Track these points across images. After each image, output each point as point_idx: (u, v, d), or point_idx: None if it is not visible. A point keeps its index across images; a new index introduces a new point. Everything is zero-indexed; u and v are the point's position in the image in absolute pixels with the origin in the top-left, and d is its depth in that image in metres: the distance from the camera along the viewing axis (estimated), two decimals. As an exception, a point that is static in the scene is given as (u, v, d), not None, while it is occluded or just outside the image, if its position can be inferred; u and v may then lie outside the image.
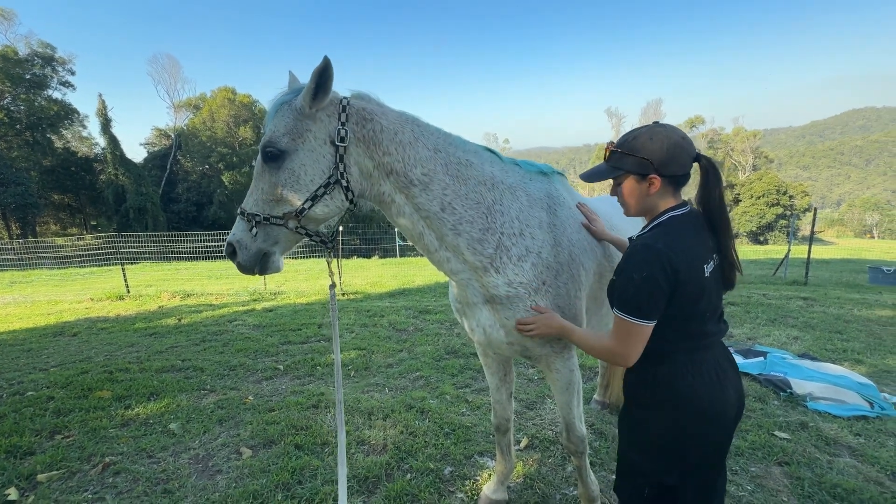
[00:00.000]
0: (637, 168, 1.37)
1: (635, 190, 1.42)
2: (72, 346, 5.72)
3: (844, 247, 25.51)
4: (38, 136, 35.46)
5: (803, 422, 3.20)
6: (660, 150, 1.35)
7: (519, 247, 1.65)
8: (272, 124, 1.50)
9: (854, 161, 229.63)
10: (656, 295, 1.31)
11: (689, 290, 1.33)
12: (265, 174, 1.50)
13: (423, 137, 1.59)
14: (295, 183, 1.48)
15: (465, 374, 4.24)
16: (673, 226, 1.38)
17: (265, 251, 1.54)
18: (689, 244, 1.34)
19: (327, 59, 1.41)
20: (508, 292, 1.65)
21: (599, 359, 1.61)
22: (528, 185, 1.77)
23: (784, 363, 4.17)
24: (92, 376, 4.33)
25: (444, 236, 1.61)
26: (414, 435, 3.06)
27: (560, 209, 1.81)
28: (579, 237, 1.84)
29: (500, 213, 1.65)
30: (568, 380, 1.89)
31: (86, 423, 3.37)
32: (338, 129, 1.48)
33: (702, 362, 1.39)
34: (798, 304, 7.06)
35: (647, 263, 1.30)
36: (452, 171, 1.60)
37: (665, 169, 1.36)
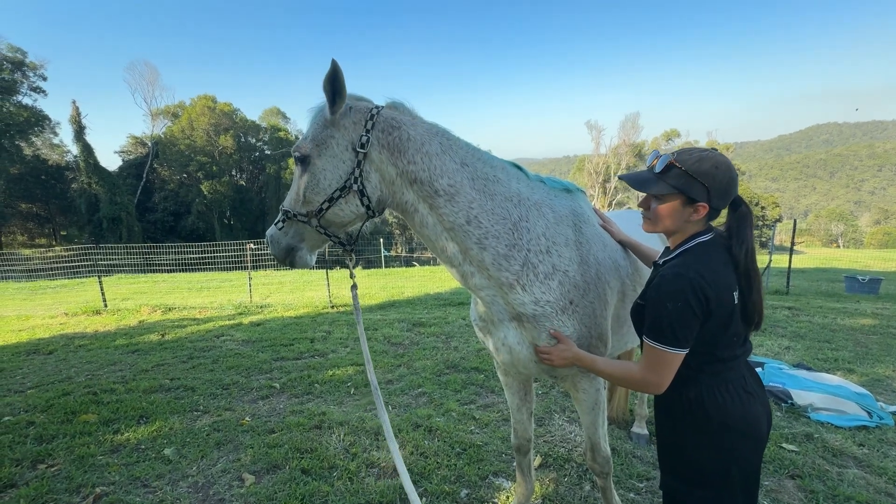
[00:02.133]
0: (692, 192, 1.34)
1: (677, 212, 1.38)
2: (48, 365, 5.41)
3: (815, 256, 26.52)
4: (6, 143, 34.06)
5: (808, 433, 3.24)
6: (721, 181, 1.32)
7: (546, 264, 1.63)
8: (307, 130, 1.60)
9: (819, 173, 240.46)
10: (690, 324, 1.31)
11: (719, 318, 1.33)
12: (296, 175, 1.61)
13: (451, 150, 1.58)
14: (315, 186, 1.55)
15: (469, 389, 4.17)
16: (702, 253, 1.37)
17: (292, 246, 1.64)
18: (719, 272, 1.33)
19: (335, 62, 1.42)
20: (535, 311, 1.62)
21: (625, 387, 1.58)
22: (553, 202, 1.76)
23: (782, 374, 4.24)
24: (74, 398, 4.09)
25: (469, 250, 1.58)
26: (425, 456, 2.97)
27: (585, 226, 1.80)
28: (604, 255, 1.83)
29: (527, 230, 1.62)
30: (594, 399, 1.86)
31: (72, 449, 3.16)
32: (361, 135, 1.51)
33: (728, 381, 1.39)
34: (784, 314, 7.25)
35: (681, 292, 1.29)
36: (479, 186, 1.58)
37: (716, 201, 1.35)
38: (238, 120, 44.86)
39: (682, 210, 1.38)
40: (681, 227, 1.41)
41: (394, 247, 42.95)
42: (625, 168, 51.37)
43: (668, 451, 1.51)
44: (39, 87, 36.04)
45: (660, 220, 1.43)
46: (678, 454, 1.46)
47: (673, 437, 1.47)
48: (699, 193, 1.33)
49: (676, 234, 1.45)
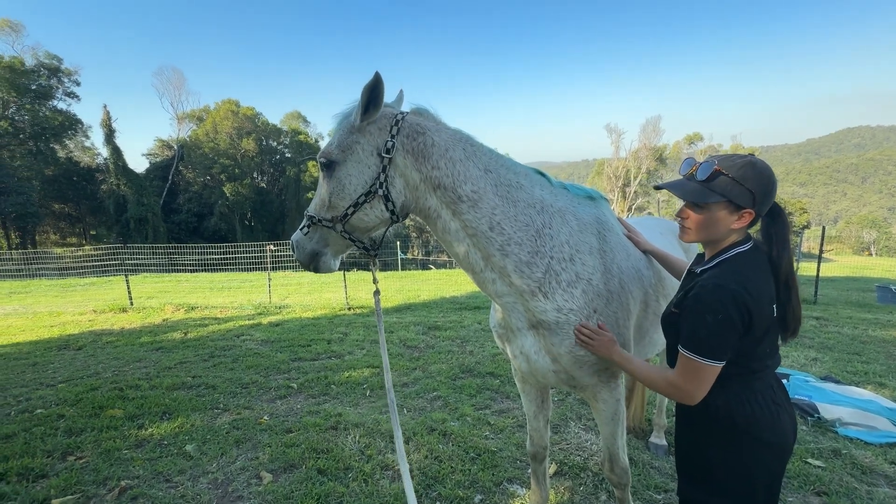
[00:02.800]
0: (739, 198, 1.31)
1: (721, 220, 1.35)
2: (78, 360, 5.62)
3: (845, 264, 25.54)
4: (42, 146, 35.63)
5: (836, 449, 3.13)
6: (766, 185, 1.30)
7: (569, 272, 1.61)
8: (333, 135, 1.62)
9: (850, 178, 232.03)
10: (729, 337, 1.28)
11: (756, 331, 1.30)
12: (321, 181, 1.63)
13: (475, 157, 1.59)
14: (341, 191, 1.57)
15: (484, 394, 4.16)
16: (742, 263, 1.35)
17: (317, 251, 1.67)
18: (760, 284, 1.31)
19: (378, 74, 1.44)
20: (558, 318, 1.61)
21: (658, 392, 1.56)
22: (577, 210, 1.75)
23: (808, 386, 4.11)
24: (102, 393, 4.24)
25: (491, 256, 1.58)
26: (439, 460, 2.98)
27: (609, 235, 1.79)
28: (628, 264, 1.81)
29: (550, 237, 1.61)
30: (614, 410, 1.84)
31: (99, 443, 3.27)
32: (386, 141, 1.53)
33: (757, 391, 1.37)
34: (812, 324, 7.01)
35: (722, 305, 1.27)
36: (502, 192, 1.58)
37: (760, 206, 1.32)
38: (260, 124, 45.88)
39: (727, 218, 1.35)
40: (721, 235, 1.38)
41: (410, 249, 43.17)
42: (645, 172, 50.57)
43: (688, 458, 1.49)
44: (73, 93, 37.62)
45: (701, 229, 1.39)
46: (699, 462, 1.44)
47: (695, 445, 1.45)
48: (745, 200, 1.31)
49: (714, 243, 1.42)
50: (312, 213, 1.63)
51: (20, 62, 33.71)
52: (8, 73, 32.37)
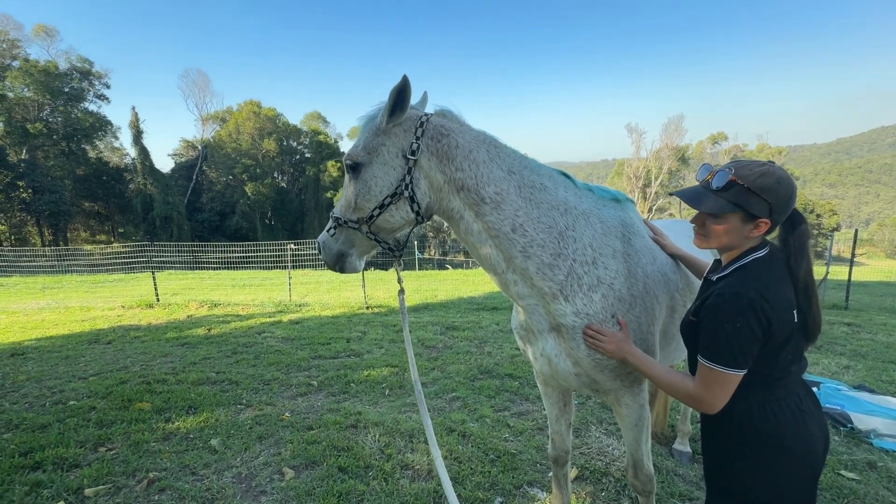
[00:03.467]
0: (754, 208, 1.29)
1: (736, 229, 1.33)
2: (107, 354, 5.81)
3: (877, 268, 24.55)
4: (74, 147, 36.99)
5: (871, 461, 3.01)
6: (784, 195, 1.28)
7: (591, 276, 1.60)
8: (358, 137, 1.62)
9: (883, 179, 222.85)
10: (750, 345, 1.26)
11: (777, 338, 1.27)
12: (347, 183, 1.63)
13: (499, 158, 1.59)
14: (367, 192, 1.57)
15: (503, 395, 4.14)
16: (759, 270, 1.32)
17: (343, 252, 1.68)
18: (779, 291, 1.28)
19: (406, 78, 1.44)
20: (575, 322, 1.59)
21: (677, 399, 1.54)
22: (601, 212, 1.72)
23: (840, 395, 3.96)
24: (131, 387, 4.37)
25: (513, 258, 1.57)
26: (459, 461, 2.98)
27: (635, 238, 1.76)
28: (653, 269, 1.78)
29: (573, 240, 1.60)
30: (638, 416, 1.81)
31: (128, 435, 3.38)
32: (411, 143, 1.53)
33: (780, 398, 1.33)
34: (843, 331, 6.76)
35: (740, 313, 1.24)
36: (525, 194, 1.57)
37: (777, 216, 1.30)
38: (280, 124, 46.68)
39: (742, 227, 1.33)
40: (738, 243, 1.36)
41: (427, 249, 43.30)
42: (666, 172, 49.56)
43: (714, 469, 1.46)
44: (103, 95, 38.97)
45: (716, 237, 1.37)
46: (726, 473, 1.41)
47: (720, 455, 1.43)
48: (761, 210, 1.28)
49: (730, 250, 1.40)
50: (338, 214, 1.64)
51: (54, 66, 35.08)
52: (43, 76, 33.72)
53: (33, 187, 32.41)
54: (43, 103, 34.98)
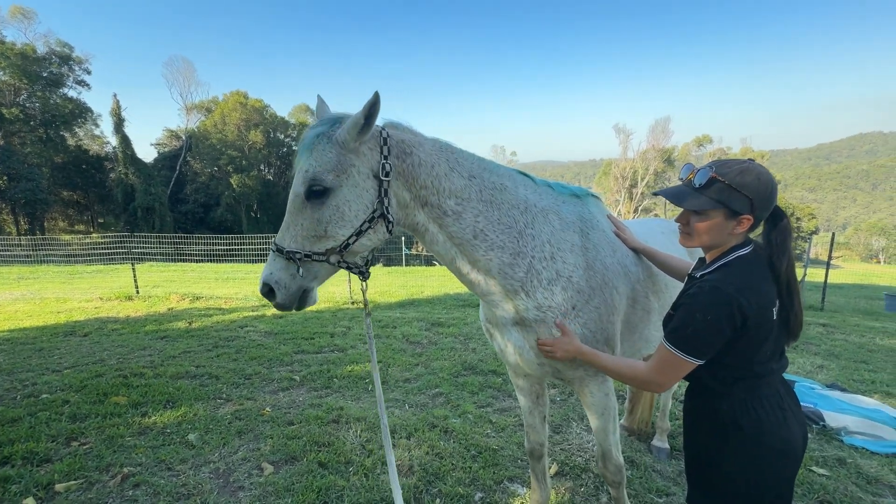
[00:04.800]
0: (736, 205, 1.31)
1: (720, 226, 1.35)
2: (83, 346, 5.66)
3: (853, 271, 25.30)
4: (52, 133, 35.89)
5: (841, 457, 3.10)
6: (764, 191, 1.30)
7: (549, 270, 1.64)
8: (312, 159, 1.42)
9: (860, 185, 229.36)
10: (714, 339, 1.29)
11: (755, 334, 1.30)
12: (306, 210, 1.43)
13: (458, 166, 1.58)
14: (340, 219, 1.44)
15: (486, 392, 4.15)
16: (741, 267, 1.34)
17: (306, 287, 1.49)
18: (759, 288, 1.30)
19: (378, 94, 1.37)
20: (537, 316, 1.64)
21: (628, 384, 1.60)
22: (560, 208, 1.77)
23: (814, 393, 4.07)
24: (106, 380, 4.27)
25: (477, 261, 1.61)
26: (440, 457, 2.98)
27: (592, 232, 1.80)
28: (613, 261, 1.81)
29: (532, 237, 1.64)
30: (603, 405, 1.85)
31: (102, 429, 3.30)
32: (382, 163, 1.45)
33: (763, 396, 1.35)
34: (818, 331, 6.95)
35: (715, 307, 1.27)
36: (486, 197, 1.60)
37: (759, 212, 1.32)
38: (268, 116, 45.97)
39: (725, 224, 1.34)
40: (722, 240, 1.38)
41: (414, 245, 43.21)
42: (652, 174, 50.24)
43: (696, 465, 1.49)
44: (84, 81, 37.84)
45: (700, 235, 1.39)
46: (708, 469, 1.43)
47: (702, 451, 1.45)
48: (743, 206, 1.30)
49: (714, 248, 1.42)
50: (296, 248, 1.43)
51: (32, 49, 33.93)
52: (20, 60, 32.58)
53: (9, 174, 31.38)
54: (20, 88, 33.80)
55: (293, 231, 1.44)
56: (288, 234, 1.44)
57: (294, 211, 1.45)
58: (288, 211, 1.47)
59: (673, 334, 1.35)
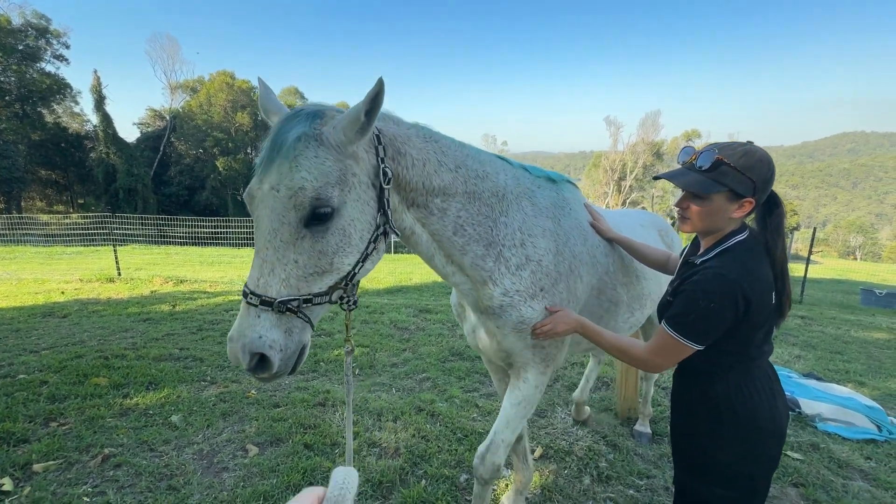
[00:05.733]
0: (740, 187, 1.30)
1: (721, 209, 1.34)
2: (63, 328, 5.53)
3: (831, 266, 25.99)
4: (29, 109, 34.59)
5: (814, 443, 3.20)
6: (766, 174, 1.30)
7: (518, 256, 1.62)
8: (304, 172, 1.10)
9: (841, 183, 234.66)
10: (717, 326, 1.30)
11: (756, 319, 1.31)
12: (304, 241, 1.12)
13: (445, 158, 1.48)
14: (347, 245, 1.18)
15: (472, 377, 4.18)
16: (742, 252, 1.34)
17: (304, 342, 1.18)
18: (760, 273, 1.31)
19: (382, 82, 1.12)
20: (502, 302, 1.61)
21: (624, 361, 1.57)
22: (535, 193, 1.73)
23: (791, 382, 4.19)
24: (87, 361, 4.18)
25: (453, 255, 1.57)
26: (426, 439, 2.99)
27: (565, 218, 1.78)
28: (582, 249, 1.79)
29: (504, 225, 1.60)
30: (525, 395, 1.77)
31: (82, 410, 3.24)
32: (381, 167, 1.25)
33: (756, 378, 1.38)
34: (797, 323, 7.14)
35: (719, 295, 1.27)
36: (469, 188, 1.53)
37: (760, 196, 1.32)
38: (255, 98, 44.89)
39: (727, 207, 1.34)
40: (720, 224, 1.37)
41: (403, 233, 43.01)
42: (641, 166, 50.61)
43: (687, 447, 1.50)
44: (62, 55, 36.38)
45: (702, 219, 1.38)
46: (699, 451, 1.45)
47: (694, 434, 1.46)
48: (746, 189, 1.30)
49: (712, 233, 1.41)
50: (290, 293, 1.11)
51: (6, 20, 32.45)
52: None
53: (-17, 151, 30.24)
54: (-7, 60, 32.42)
55: (283, 272, 1.11)
56: (275, 279, 1.10)
57: (281, 245, 1.10)
58: (267, 246, 1.10)
59: (674, 319, 1.34)
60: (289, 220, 1.10)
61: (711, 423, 1.40)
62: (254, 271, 1.12)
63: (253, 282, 1.11)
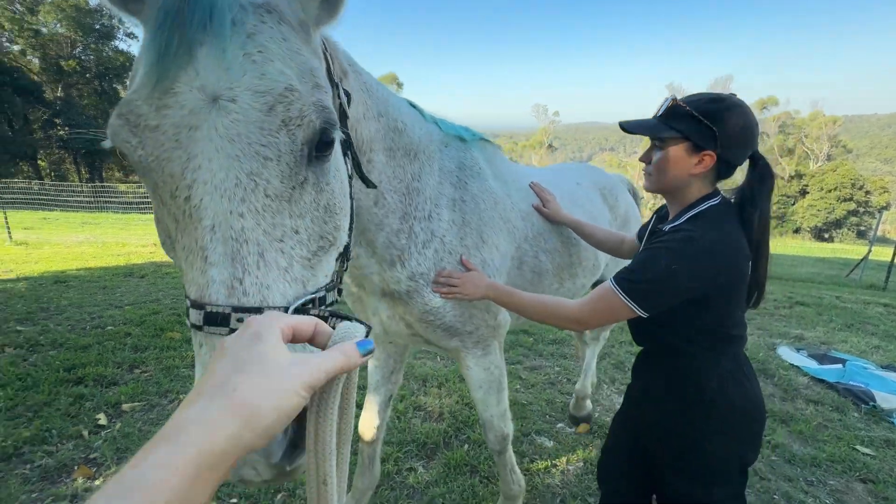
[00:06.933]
0: (697, 136, 1.16)
1: (680, 162, 1.20)
2: (141, 287, 6.11)
3: (924, 251, 23.19)
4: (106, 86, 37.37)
5: (889, 439, 2.95)
6: (733, 126, 1.15)
7: (426, 232, 1.39)
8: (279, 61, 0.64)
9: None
10: (671, 293, 1.15)
11: (728, 292, 1.18)
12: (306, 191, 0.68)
13: (371, 99, 1.17)
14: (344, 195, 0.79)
15: (516, 350, 4.20)
16: (714, 217, 1.20)
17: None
18: (735, 240, 1.17)
19: None
20: (409, 286, 1.39)
21: (548, 323, 1.40)
22: (442, 155, 1.48)
23: (866, 373, 3.86)
24: (162, 317, 4.61)
25: (367, 232, 1.27)
26: (470, 406, 3.07)
27: (472, 182, 1.52)
28: (493, 215, 1.55)
29: (417, 193, 1.35)
30: (481, 379, 1.64)
31: (160, 360, 3.60)
32: (340, 77, 0.94)
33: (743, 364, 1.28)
34: (878, 311, 6.50)
35: (684, 257, 1.12)
36: (388, 143, 1.24)
37: (726, 151, 1.17)
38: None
39: (687, 159, 1.20)
40: (684, 181, 1.23)
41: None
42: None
43: (688, 453, 1.28)
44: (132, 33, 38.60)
45: (661, 170, 1.24)
46: (699, 454, 1.26)
47: (694, 436, 1.26)
48: (705, 139, 1.16)
49: (679, 197, 1.28)
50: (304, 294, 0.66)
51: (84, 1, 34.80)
52: (74, 12, 33.58)
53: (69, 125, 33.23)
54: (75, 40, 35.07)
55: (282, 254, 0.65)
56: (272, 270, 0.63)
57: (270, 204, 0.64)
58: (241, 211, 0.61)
59: (623, 276, 1.18)
60: (277, 153, 0.63)
61: (711, 420, 1.23)
62: (217, 268, 0.60)
63: (222, 288, 0.60)
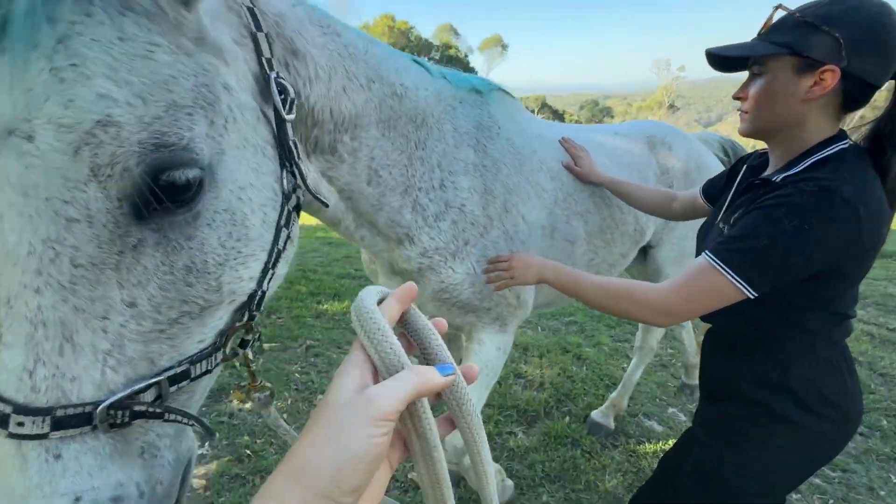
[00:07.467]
0: (811, 47, 0.84)
1: (789, 86, 0.89)
2: (273, 244, 6.98)
3: None
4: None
5: None
6: (865, 23, 0.81)
7: (437, 203, 1.25)
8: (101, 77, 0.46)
9: None
10: (795, 266, 0.85)
11: (861, 263, 0.89)
12: (144, 254, 0.53)
13: (355, 65, 0.99)
14: (242, 239, 0.63)
15: (623, 327, 3.96)
16: (851, 163, 0.87)
17: (190, 455, 0.65)
18: (881, 197, 0.86)
19: None
20: (420, 264, 1.28)
21: (621, 315, 1.12)
22: (455, 114, 1.31)
23: None
24: (291, 272, 5.22)
25: (365, 213, 1.19)
26: (572, 380, 3.01)
27: (493, 143, 1.36)
28: (519, 179, 1.40)
29: (421, 162, 1.22)
30: (487, 360, 1.47)
31: (290, 310, 4.11)
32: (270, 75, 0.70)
33: (843, 349, 1.00)
34: None
35: (821, 216, 0.82)
36: (385, 112, 1.09)
37: (855, 61, 0.82)
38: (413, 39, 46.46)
39: (797, 82, 0.87)
40: (795, 115, 0.91)
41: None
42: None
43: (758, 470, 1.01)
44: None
45: (762, 104, 0.93)
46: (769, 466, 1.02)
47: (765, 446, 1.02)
48: (823, 49, 0.83)
49: (788, 141, 0.95)
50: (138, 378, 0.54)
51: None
52: None
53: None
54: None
55: (101, 336, 0.51)
56: (83, 356, 0.49)
57: (82, 278, 0.49)
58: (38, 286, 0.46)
59: (726, 245, 0.90)
60: (86, 213, 0.48)
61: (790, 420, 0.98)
62: (11, 352, 0.47)
63: (13, 378, 0.47)
